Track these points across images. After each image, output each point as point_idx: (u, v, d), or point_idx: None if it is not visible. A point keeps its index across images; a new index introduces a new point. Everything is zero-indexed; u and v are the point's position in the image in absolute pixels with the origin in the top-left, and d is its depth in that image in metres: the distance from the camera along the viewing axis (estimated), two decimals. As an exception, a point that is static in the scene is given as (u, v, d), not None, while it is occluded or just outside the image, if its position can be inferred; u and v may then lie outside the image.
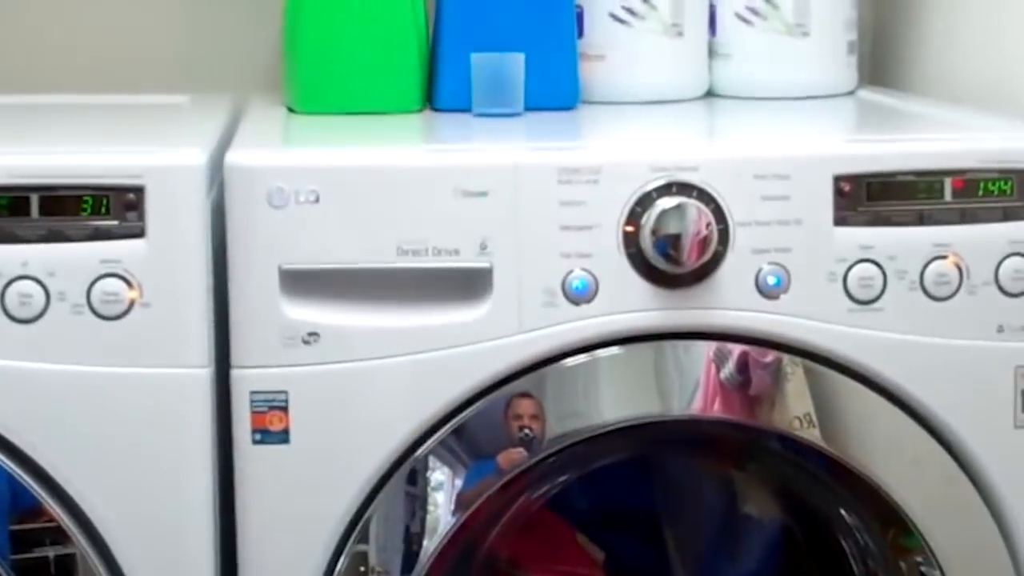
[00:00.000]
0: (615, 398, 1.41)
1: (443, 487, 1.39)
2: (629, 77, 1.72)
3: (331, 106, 1.63)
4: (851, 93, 1.80)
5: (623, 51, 1.71)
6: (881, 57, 1.97)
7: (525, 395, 1.38)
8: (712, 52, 1.77)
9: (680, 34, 1.72)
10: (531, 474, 1.41)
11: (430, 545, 1.38)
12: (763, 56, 1.75)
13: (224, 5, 1.94)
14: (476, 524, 1.41)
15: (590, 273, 1.36)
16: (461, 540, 1.40)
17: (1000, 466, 1.42)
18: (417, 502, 1.39)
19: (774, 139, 1.53)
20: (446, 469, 1.38)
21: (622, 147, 1.46)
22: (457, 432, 1.38)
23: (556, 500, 1.56)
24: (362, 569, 1.38)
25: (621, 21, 1.71)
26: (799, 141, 1.50)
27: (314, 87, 1.63)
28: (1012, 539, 1.42)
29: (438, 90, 1.66)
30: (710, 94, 1.79)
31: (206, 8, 1.96)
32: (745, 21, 1.75)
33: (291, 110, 1.66)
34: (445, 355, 1.36)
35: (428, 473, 1.39)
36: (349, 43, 1.62)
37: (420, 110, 1.65)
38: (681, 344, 1.41)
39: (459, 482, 1.39)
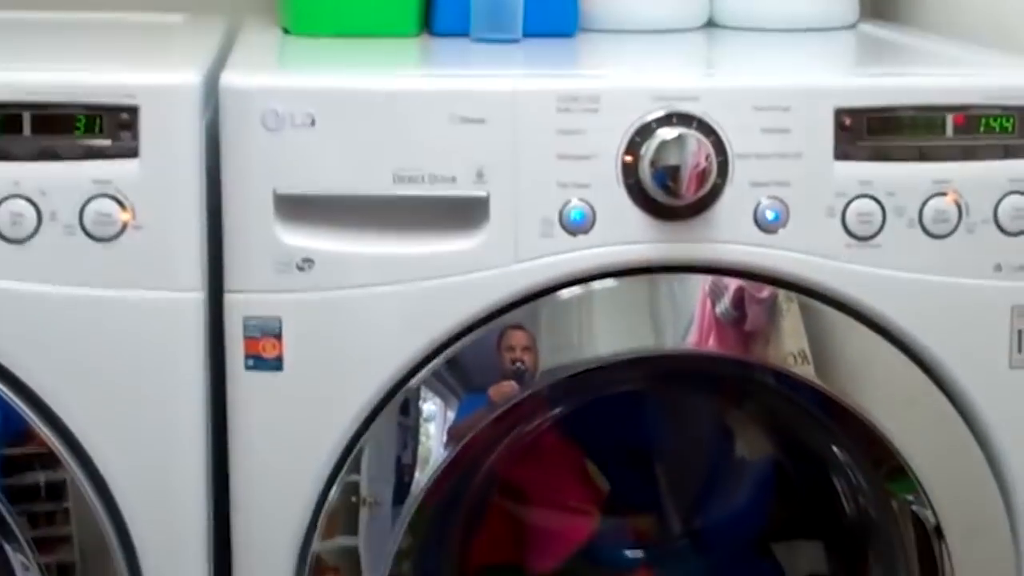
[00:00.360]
0: (609, 331, 1.41)
1: (435, 418, 1.38)
2: (629, 5, 1.70)
3: (326, 28, 1.61)
4: (852, 26, 1.78)
5: (624, -22, 1.69)
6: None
7: (517, 327, 1.37)
8: (714, -18, 1.75)
9: (681, -37, 1.70)
10: (523, 407, 1.40)
11: (422, 478, 1.37)
12: (765, -13, 1.73)
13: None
14: (470, 455, 1.40)
15: (587, 203, 1.35)
16: (454, 472, 1.39)
17: (994, 406, 1.41)
18: (409, 433, 1.38)
19: (776, 70, 1.52)
20: (438, 400, 1.37)
21: (622, 76, 1.45)
22: (450, 363, 1.37)
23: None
24: (353, 499, 1.38)
25: (622, -52, 1.69)
26: (801, 73, 1.48)
27: (310, 8, 1.61)
28: (1004, 479, 1.42)
29: (436, 14, 1.64)
30: (710, 24, 1.76)
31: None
32: (746, -50, 1.73)
33: (286, 31, 1.63)
34: (440, 284, 1.35)
35: (420, 404, 1.38)
36: (346, -36, 1.60)
37: (417, 34, 1.63)
38: (676, 278, 1.40)
39: (451, 414, 1.38)
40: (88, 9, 1.83)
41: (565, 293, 1.38)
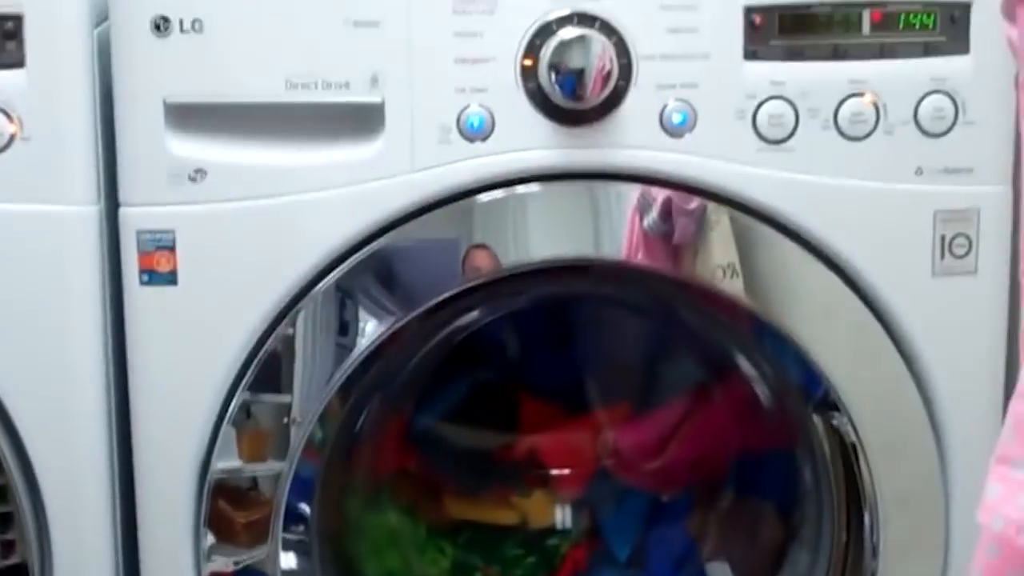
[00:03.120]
0: (543, 237, 1.36)
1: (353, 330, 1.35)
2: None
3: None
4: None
5: None
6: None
7: (481, 247, 1.33)
8: None
9: None
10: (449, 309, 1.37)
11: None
12: None
13: None
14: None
15: (486, 108, 1.31)
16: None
17: (916, 316, 1.36)
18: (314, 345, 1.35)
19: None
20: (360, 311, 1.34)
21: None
22: (382, 276, 1.33)
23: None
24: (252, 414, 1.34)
25: None
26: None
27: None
28: (928, 392, 1.37)
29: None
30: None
31: None
32: None
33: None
34: (335, 194, 1.32)
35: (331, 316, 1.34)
36: None
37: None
38: (600, 185, 1.35)
39: (371, 324, 1.34)
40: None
41: (485, 197, 1.33)
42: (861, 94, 1.33)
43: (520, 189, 1.34)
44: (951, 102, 1.33)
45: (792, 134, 1.33)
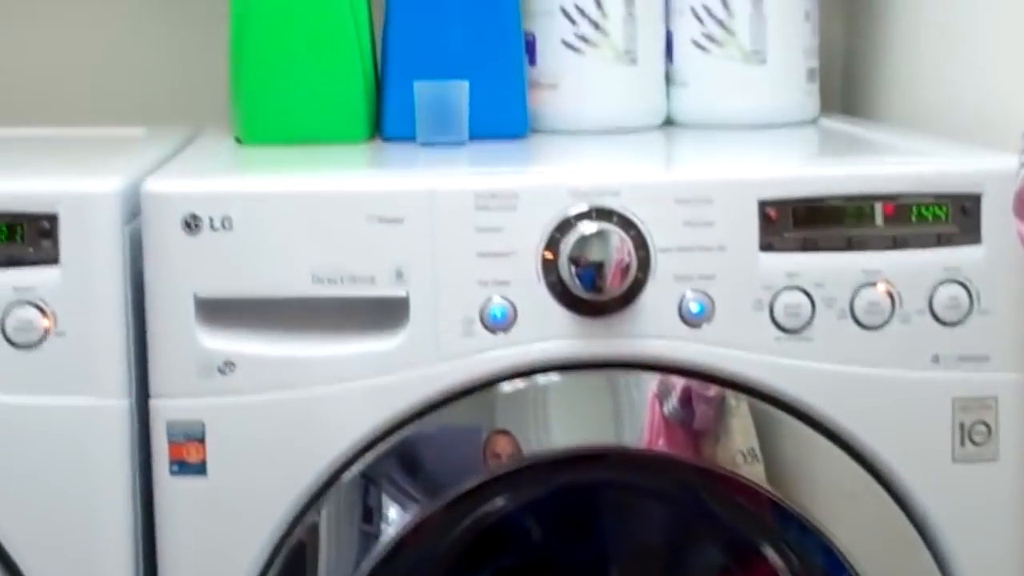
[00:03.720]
0: (564, 426, 1.38)
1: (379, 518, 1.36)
2: (581, 105, 1.69)
3: (276, 136, 1.61)
4: (813, 121, 1.76)
5: (575, 79, 1.69)
6: (853, 86, 1.94)
7: (503, 432, 1.35)
8: (669, 79, 1.74)
9: (634, 61, 1.70)
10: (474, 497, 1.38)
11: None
12: (720, 83, 1.72)
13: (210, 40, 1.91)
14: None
15: (508, 301, 1.34)
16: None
17: (938, 502, 1.37)
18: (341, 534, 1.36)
19: (697, 164, 1.50)
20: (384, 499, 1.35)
21: (541, 172, 1.43)
22: (406, 465, 1.35)
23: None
24: (280, 603, 1.36)
25: (573, 48, 1.69)
26: (723, 165, 1.46)
27: (258, 117, 1.62)
28: (949, 574, 1.37)
29: (385, 119, 1.64)
30: (669, 122, 1.75)
31: (188, 41, 1.95)
32: (701, 48, 1.72)
33: (239, 140, 1.64)
34: (362, 385, 1.34)
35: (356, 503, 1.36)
36: (292, 72, 1.61)
37: (368, 139, 1.63)
38: (620, 374, 1.37)
39: (395, 513, 1.36)
40: (71, 125, 1.85)
41: (507, 387, 1.35)
42: (875, 284, 1.35)
43: (541, 379, 1.36)
44: (965, 291, 1.35)
45: (809, 323, 1.35)
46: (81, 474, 1.35)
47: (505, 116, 1.64)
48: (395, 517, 1.36)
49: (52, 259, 1.33)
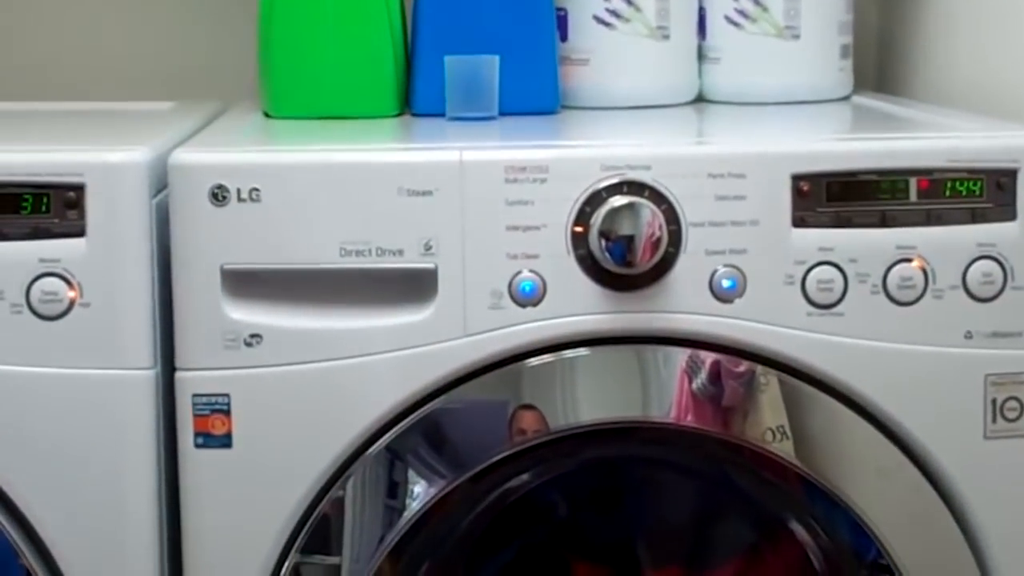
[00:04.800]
0: (592, 401, 1.37)
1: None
2: (613, 81, 1.68)
3: (304, 110, 1.60)
4: (846, 98, 1.74)
5: (607, 54, 1.68)
6: (887, 63, 1.92)
7: (528, 407, 1.34)
8: (702, 56, 1.73)
9: (666, 37, 1.68)
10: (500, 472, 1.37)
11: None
12: (752, 59, 1.70)
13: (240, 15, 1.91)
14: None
15: (537, 274, 1.33)
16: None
17: (969, 479, 1.36)
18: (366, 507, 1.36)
19: (730, 138, 1.48)
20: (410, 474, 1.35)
21: (571, 145, 1.42)
22: (432, 439, 1.35)
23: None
24: (305, 576, 1.35)
25: (605, 24, 1.67)
26: (755, 139, 1.45)
27: (287, 91, 1.61)
28: (981, 554, 1.37)
29: (415, 94, 1.63)
30: (701, 99, 1.74)
31: (218, 17, 1.95)
32: (734, 24, 1.70)
33: (267, 115, 1.63)
34: (388, 358, 1.33)
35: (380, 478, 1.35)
36: (322, 46, 1.60)
37: (398, 114, 1.62)
38: (648, 349, 1.36)
39: (420, 487, 1.35)
40: (97, 100, 1.85)
41: (534, 361, 1.34)
42: (909, 260, 1.34)
43: (569, 353, 1.35)
44: (999, 267, 1.34)
45: (841, 299, 1.33)
46: (106, 447, 1.35)
47: (536, 91, 1.62)
48: (420, 492, 1.35)
49: (78, 230, 1.33)
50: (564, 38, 1.68)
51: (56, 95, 1.89)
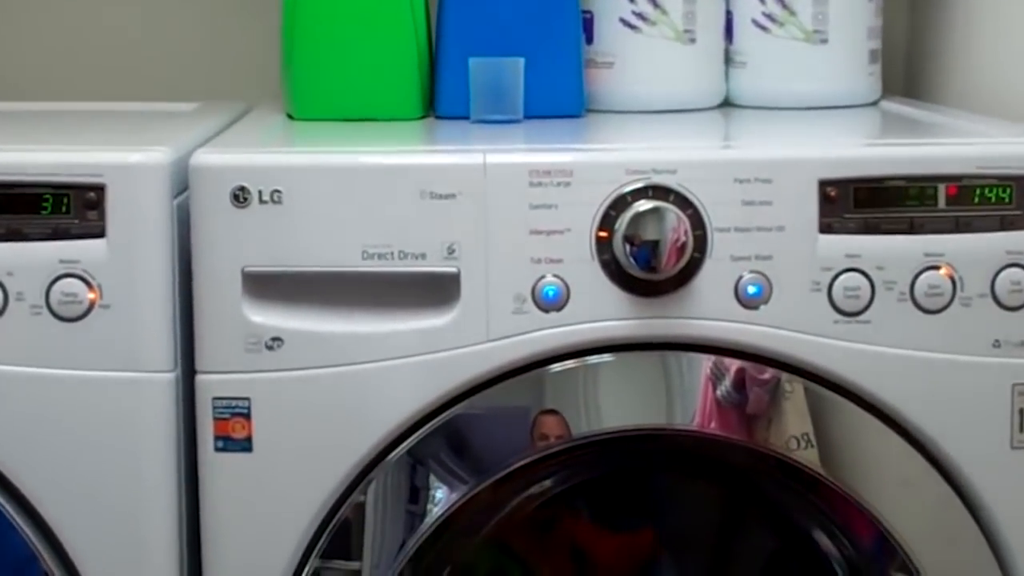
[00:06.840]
0: (615, 407, 1.36)
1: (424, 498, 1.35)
2: (638, 84, 1.66)
3: (327, 112, 1.59)
4: (874, 104, 1.73)
5: (633, 58, 1.66)
6: (916, 69, 1.90)
7: (551, 412, 1.33)
8: (729, 60, 1.71)
9: (693, 40, 1.67)
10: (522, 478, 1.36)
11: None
12: (780, 64, 1.69)
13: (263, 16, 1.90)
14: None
15: (561, 279, 1.31)
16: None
17: (996, 489, 1.34)
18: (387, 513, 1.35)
19: (756, 142, 1.47)
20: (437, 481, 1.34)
21: (596, 148, 1.41)
22: (453, 444, 1.33)
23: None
24: (326, 580, 1.34)
25: (631, 27, 1.66)
26: (782, 144, 1.43)
27: (310, 93, 1.60)
28: (1007, 564, 1.35)
29: (439, 96, 1.62)
30: (727, 103, 1.72)
31: (241, 18, 1.95)
32: (762, 28, 1.69)
33: (290, 117, 1.62)
34: (410, 362, 1.32)
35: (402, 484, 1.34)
36: (345, 47, 1.59)
37: (422, 117, 1.61)
38: (672, 355, 1.35)
39: (441, 492, 1.34)
40: (123, 100, 1.84)
41: (557, 367, 1.33)
42: (937, 267, 1.32)
43: (592, 359, 1.34)
44: (1028, 275, 1.32)
45: (868, 306, 1.32)
46: (126, 449, 1.34)
47: (560, 94, 1.61)
48: (441, 497, 1.34)
49: (98, 231, 1.32)
50: (589, 41, 1.67)
51: (80, 95, 1.88)
